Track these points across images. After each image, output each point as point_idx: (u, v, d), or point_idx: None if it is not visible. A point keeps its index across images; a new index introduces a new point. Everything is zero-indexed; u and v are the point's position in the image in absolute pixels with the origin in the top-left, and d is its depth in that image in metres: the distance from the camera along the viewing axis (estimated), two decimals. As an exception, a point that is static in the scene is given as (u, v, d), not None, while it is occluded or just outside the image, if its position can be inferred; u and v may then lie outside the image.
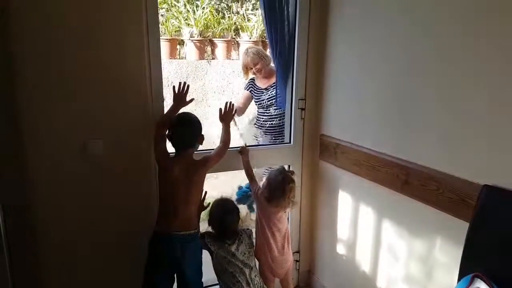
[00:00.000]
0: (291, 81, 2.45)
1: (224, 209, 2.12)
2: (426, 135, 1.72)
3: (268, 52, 3.21)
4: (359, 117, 2.13)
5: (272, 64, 3.08)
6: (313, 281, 2.70)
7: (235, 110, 2.20)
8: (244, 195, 2.46)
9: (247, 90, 3.28)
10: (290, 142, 2.53)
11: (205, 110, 5.37)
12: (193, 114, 2.05)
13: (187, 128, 1.99)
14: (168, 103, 2.08)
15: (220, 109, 2.13)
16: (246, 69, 3.17)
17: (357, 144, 2.14)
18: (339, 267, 2.42)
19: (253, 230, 2.26)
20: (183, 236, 1.92)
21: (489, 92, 1.45)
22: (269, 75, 3.10)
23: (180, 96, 2.02)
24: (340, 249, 2.39)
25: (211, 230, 2.14)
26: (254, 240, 2.21)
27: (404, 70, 1.81)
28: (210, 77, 5.29)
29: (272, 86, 3.07)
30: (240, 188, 2.51)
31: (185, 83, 2.05)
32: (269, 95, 3.10)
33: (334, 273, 2.48)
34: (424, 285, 1.80)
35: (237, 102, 3.34)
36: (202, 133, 2.04)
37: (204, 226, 2.19)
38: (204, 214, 2.15)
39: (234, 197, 2.44)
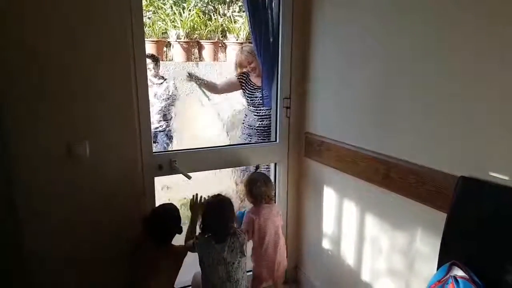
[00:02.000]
0: (276, 80, 2.50)
1: (219, 208, 2.01)
2: (405, 131, 1.78)
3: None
4: (342, 115, 2.18)
5: None
6: (300, 276, 2.74)
7: (202, 204, 2.16)
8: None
9: (238, 79, 3.26)
10: (276, 140, 2.57)
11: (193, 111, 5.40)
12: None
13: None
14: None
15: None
16: (240, 67, 3.20)
17: (340, 141, 2.19)
18: (325, 261, 2.47)
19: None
20: None
21: (462, 89, 1.51)
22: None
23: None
24: (326, 244, 2.45)
25: (200, 231, 2.05)
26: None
27: (384, 70, 1.87)
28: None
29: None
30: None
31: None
32: (262, 93, 3.10)
33: (320, 268, 2.53)
34: (406, 276, 1.85)
35: (220, 81, 3.40)
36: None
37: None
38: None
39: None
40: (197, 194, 2.21)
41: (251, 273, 2.36)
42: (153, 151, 2.18)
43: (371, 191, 2.00)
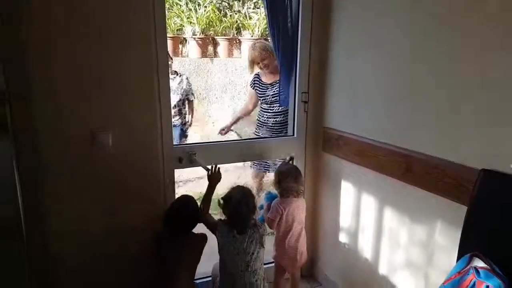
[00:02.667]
0: (294, 76, 2.52)
1: (243, 199, 2.01)
2: (426, 125, 1.79)
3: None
4: (362, 109, 2.20)
5: None
6: (315, 270, 2.77)
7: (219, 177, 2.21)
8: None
9: (252, 87, 3.33)
10: (293, 135, 2.60)
11: (207, 107, 5.45)
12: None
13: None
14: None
15: (208, 170, 2.18)
16: (253, 63, 3.22)
17: (359, 135, 2.21)
18: (341, 255, 2.49)
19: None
20: None
21: (484, 82, 1.52)
22: (275, 71, 3.12)
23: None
24: (343, 238, 2.46)
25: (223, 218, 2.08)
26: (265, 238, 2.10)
27: (404, 63, 1.88)
28: (212, 75, 5.37)
29: (277, 82, 3.10)
30: (268, 194, 2.45)
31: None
32: (273, 91, 3.15)
33: (336, 262, 2.55)
34: (425, 268, 1.87)
35: (245, 103, 3.45)
36: None
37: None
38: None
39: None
40: (215, 165, 2.20)
41: (272, 264, 2.41)
42: (174, 143, 2.22)
43: (390, 185, 2.02)
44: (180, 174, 3.89)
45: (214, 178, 2.18)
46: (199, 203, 2.17)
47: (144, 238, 2.13)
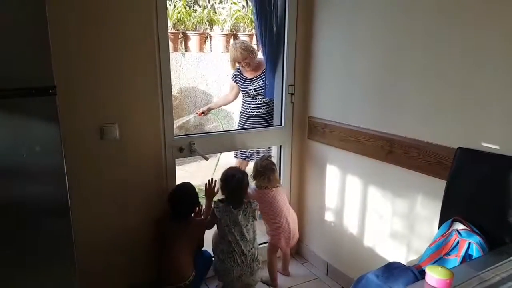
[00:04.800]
0: (281, 68, 2.72)
1: (237, 177, 2.33)
2: (406, 110, 2.05)
3: (254, 44, 3.46)
4: (345, 98, 2.43)
5: (259, 56, 3.32)
6: (302, 248, 3.00)
7: (217, 189, 2.47)
8: None
9: (233, 80, 3.51)
10: (281, 125, 2.80)
11: (180, 102, 5.54)
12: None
13: None
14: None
15: (205, 185, 2.45)
16: (234, 62, 3.39)
17: (344, 123, 2.45)
18: (327, 232, 2.73)
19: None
20: None
21: (457, 70, 1.79)
22: (256, 67, 3.34)
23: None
24: (329, 216, 2.71)
25: (221, 198, 2.38)
26: (258, 213, 2.44)
27: (385, 53, 2.13)
28: (184, 69, 5.46)
29: (258, 77, 3.32)
30: None
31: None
32: (255, 85, 3.35)
33: (323, 239, 2.80)
34: (408, 237, 2.14)
35: (225, 93, 3.62)
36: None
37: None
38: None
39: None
40: (211, 179, 2.47)
41: (266, 244, 2.64)
42: (174, 134, 2.37)
43: (374, 166, 2.27)
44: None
45: (210, 192, 2.46)
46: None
47: (148, 218, 2.34)
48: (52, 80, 1.44)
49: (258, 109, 3.37)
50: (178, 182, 2.42)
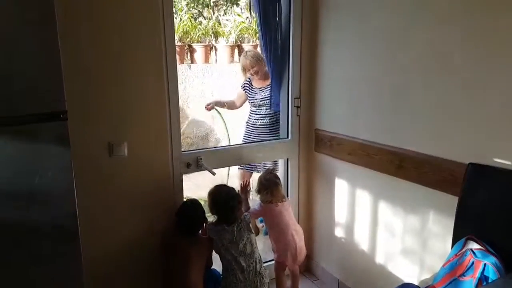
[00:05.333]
0: (287, 82, 2.69)
1: (227, 195, 2.28)
2: (416, 125, 2.00)
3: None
4: (353, 111, 2.39)
5: None
6: (312, 265, 2.94)
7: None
8: None
9: (242, 89, 3.55)
10: (287, 137, 2.77)
11: (185, 112, 5.54)
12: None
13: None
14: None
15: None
16: (245, 71, 3.44)
17: (352, 136, 2.40)
18: (337, 249, 2.67)
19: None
20: None
21: (469, 86, 1.74)
22: (265, 77, 3.35)
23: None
24: (338, 232, 2.65)
25: (213, 220, 2.33)
26: (263, 228, 2.40)
27: (393, 66, 2.09)
28: (190, 81, 5.47)
29: (266, 88, 3.32)
30: None
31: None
32: (262, 95, 3.35)
33: (333, 255, 2.74)
34: (420, 254, 2.08)
35: (234, 99, 3.70)
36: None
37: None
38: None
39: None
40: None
41: (273, 262, 2.57)
42: (182, 150, 2.35)
43: (384, 180, 2.22)
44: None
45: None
46: None
47: (156, 233, 2.31)
48: (63, 104, 1.46)
49: (262, 120, 3.37)
50: (184, 193, 2.39)
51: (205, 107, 3.77)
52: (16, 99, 1.40)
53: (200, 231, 2.35)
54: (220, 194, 2.30)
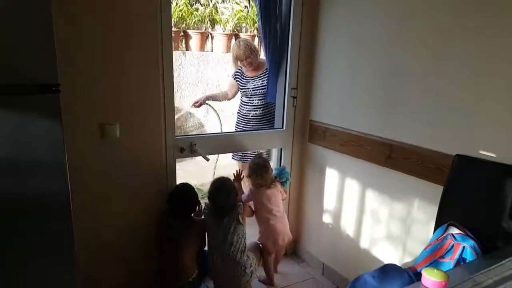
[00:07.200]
0: (285, 72, 2.77)
1: (218, 189, 2.37)
2: (407, 117, 2.11)
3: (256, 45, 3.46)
4: (347, 103, 2.49)
5: (261, 57, 3.35)
6: (299, 249, 3.07)
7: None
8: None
9: (233, 78, 3.50)
10: (283, 127, 2.86)
11: (180, 100, 5.57)
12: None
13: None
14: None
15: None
16: (236, 61, 3.37)
17: (345, 127, 2.51)
18: (325, 234, 2.79)
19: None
20: None
21: (457, 82, 1.86)
22: (257, 67, 3.31)
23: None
24: (326, 218, 2.77)
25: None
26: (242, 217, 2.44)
27: (388, 60, 2.19)
28: (185, 68, 5.48)
29: (258, 77, 3.30)
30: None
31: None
32: (254, 84, 3.31)
33: (320, 240, 2.86)
34: (404, 240, 2.20)
35: (225, 90, 3.64)
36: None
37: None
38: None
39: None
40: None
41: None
42: (176, 135, 2.40)
43: (373, 170, 2.34)
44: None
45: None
46: None
47: (149, 216, 2.37)
48: (56, 77, 1.45)
49: (254, 111, 3.35)
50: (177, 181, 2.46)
51: (193, 105, 3.68)
52: (7, 69, 1.38)
53: (193, 214, 2.44)
54: (212, 186, 2.40)
